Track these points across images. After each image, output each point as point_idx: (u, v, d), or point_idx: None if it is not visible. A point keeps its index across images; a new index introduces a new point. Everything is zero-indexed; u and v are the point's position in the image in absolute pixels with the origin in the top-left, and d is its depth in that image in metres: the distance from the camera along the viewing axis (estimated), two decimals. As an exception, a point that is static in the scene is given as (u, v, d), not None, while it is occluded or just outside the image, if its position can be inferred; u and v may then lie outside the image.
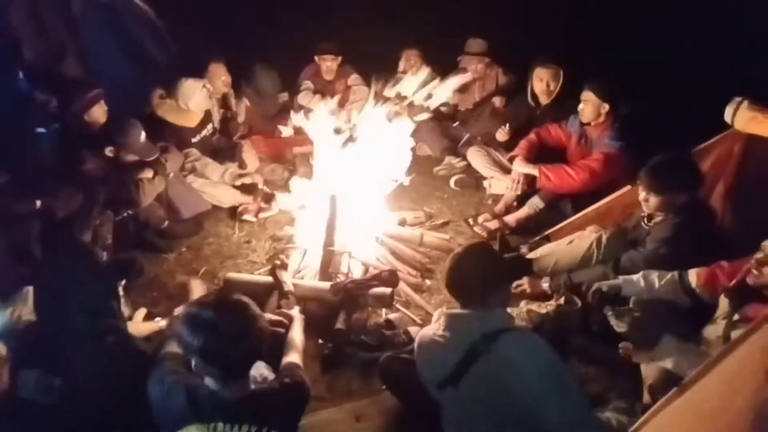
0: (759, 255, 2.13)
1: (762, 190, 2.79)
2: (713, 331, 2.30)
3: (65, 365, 1.84)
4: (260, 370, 2.13)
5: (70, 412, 1.81)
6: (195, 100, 4.04)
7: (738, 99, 2.61)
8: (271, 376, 2.11)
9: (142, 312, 2.88)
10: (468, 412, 1.90)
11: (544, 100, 4.18)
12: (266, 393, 1.86)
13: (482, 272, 1.97)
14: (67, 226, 2.98)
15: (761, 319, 1.88)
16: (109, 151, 3.34)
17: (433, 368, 1.98)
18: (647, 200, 2.69)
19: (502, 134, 4.34)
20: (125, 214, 3.43)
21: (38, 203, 2.88)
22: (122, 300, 2.67)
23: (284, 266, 3.12)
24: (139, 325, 2.78)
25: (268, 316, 2.41)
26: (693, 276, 2.43)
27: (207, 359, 1.72)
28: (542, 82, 4.11)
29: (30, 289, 2.50)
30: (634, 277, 2.52)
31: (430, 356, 2.02)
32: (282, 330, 2.42)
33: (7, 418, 1.92)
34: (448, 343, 1.92)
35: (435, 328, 2.07)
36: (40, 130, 3.75)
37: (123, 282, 2.95)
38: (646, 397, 2.28)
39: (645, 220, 2.85)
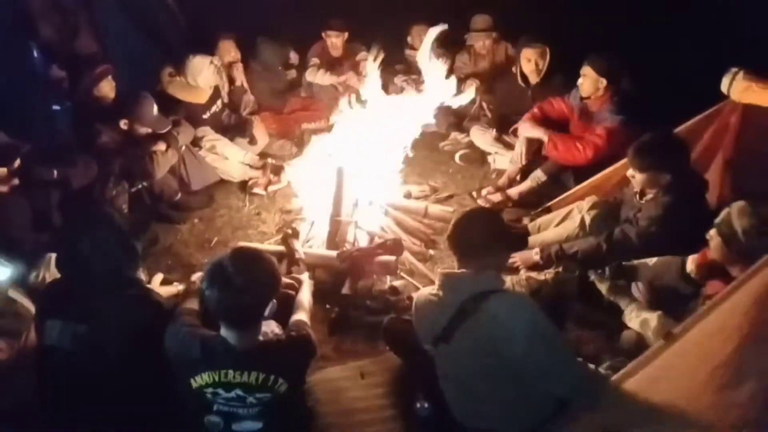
0: (712, 230, 2.21)
1: (760, 160, 2.84)
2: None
3: (88, 315, 1.97)
4: (272, 327, 2.26)
5: (92, 359, 1.95)
6: (203, 76, 4.11)
7: (734, 69, 2.65)
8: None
9: (159, 277, 3.00)
10: (460, 367, 2.01)
11: (534, 79, 4.23)
12: (274, 344, 1.98)
13: (483, 233, 2.06)
14: (85, 195, 3.12)
15: (744, 279, 1.97)
16: (123, 124, 3.46)
17: (428, 325, 2.09)
18: (634, 177, 2.76)
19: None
20: (140, 186, 3.56)
21: (55, 173, 2.99)
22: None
23: (296, 235, 3.23)
24: (157, 289, 2.92)
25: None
26: (690, 262, 2.47)
27: (221, 308, 1.85)
28: (530, 62, 4.16)
29: (52, 255, 2.65)
30: (650, 261, 2.59)
31: (425, 314, 2.13)
32: (292, 292, 2.55)
33: (35, 365, 2.07)
34: (441, 302, 2.03)
35: (431, 289, 2.18)
36: (56, 107, 3.89)
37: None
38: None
39: (637, 196, 2.90)
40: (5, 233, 2.70)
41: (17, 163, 2.74)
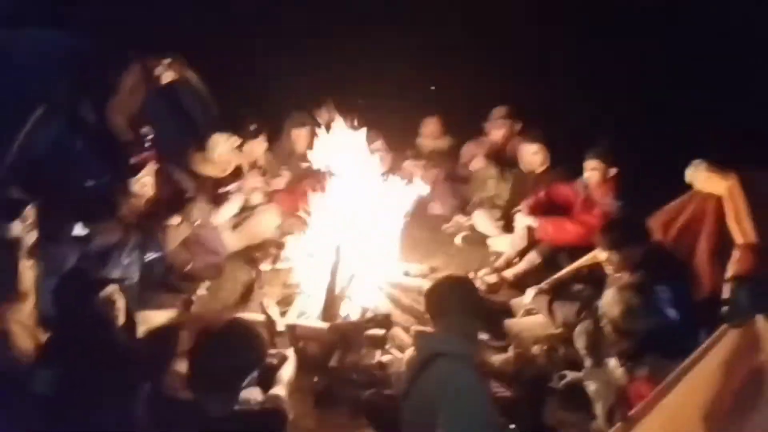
0: None
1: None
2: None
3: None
4: (254, 394, 2.35)
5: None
6: (219, 150, 4.37)
7: (697, 161, 2.80)
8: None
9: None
10: (412, 425, 2.06)
11: (538, 169, 4.47)
12: (245, 413, 2.07)
13: (455, 297, 2.17)
14: (102, 260, 3.37)
15: (695, 360, 2.02)
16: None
17: (401, 383, 2.17)
18: (609, 259, 2.86)
19: None
20: (153, 257, 3.80)
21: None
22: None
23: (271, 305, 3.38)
24: (152, 315, 3.06)
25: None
26: None
27: (201, 372, 1.96)
28: (537, 155, 4.43)
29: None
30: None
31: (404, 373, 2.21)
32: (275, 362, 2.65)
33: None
34: (411, 360, 2.12)
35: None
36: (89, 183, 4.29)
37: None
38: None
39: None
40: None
41: (31, 217, 2.89)
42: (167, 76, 4.63)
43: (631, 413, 2.09)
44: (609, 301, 2.43)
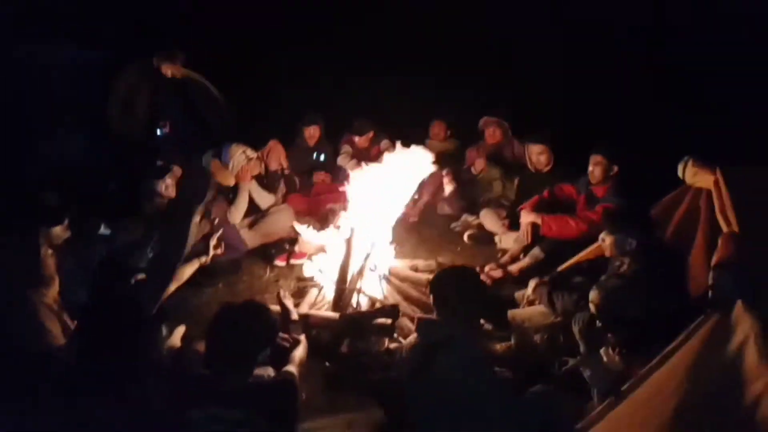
0: None
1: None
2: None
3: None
4: (268, 371, 2.54)
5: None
6: (233, 161, 4.57)
7: (686, 158, 2.94)
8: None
9: (181, 329, 3.34)
10: (423, 409, 2.19)
11: (544, 169, 4.64)
12: (257, 385, 2.24)
13: (458, 286, 2.33)
14: (129, 253, 3.60)
15: (682, 341, 2.15)
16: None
17: (404, 366, 2.32)
18: (604, 241, 3.00)
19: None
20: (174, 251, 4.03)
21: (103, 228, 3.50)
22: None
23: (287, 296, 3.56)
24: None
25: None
26: None
27: (218, 347, 2.16)
28: (542, 155, 4.61)
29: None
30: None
31: (406, 356, 2.37)
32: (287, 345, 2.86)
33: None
34: (414, 345, 2.28)
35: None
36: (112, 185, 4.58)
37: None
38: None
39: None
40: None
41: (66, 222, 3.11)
42: (169, 70, 4.80)
43: (623, 388, 2.23)
44: (594, 287, 2.56)
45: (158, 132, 5.06)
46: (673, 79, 5.55)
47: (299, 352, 2.76)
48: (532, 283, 3.43)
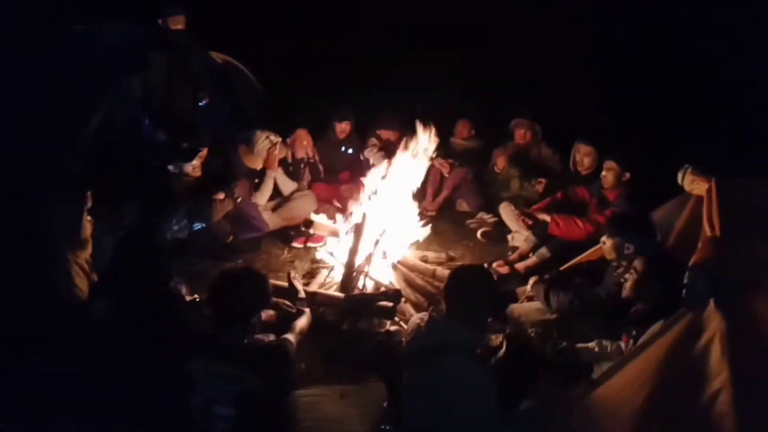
0: None
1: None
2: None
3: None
4: (270, 337, 2.74)
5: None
6: (258, 146, 4.76)
7: (686, 166, 2.98)
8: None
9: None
10: (415, 410, 2.22)
11: (584, 171, 4.68)
12: (252, 347, 2.44)
13: (477, 288, 2.33)
14: (155, 227, 3.89)
15: (659, 331, 2.24)
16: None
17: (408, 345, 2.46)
18: (605, 243, 3.07)
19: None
20: (199, 227, 4.30)
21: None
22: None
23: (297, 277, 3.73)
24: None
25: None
26: None
27: (217, 308, 2.38)
28: (588, 157, 4.64)
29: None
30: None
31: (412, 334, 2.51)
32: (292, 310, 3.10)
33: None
34: (421, 334, 2.41)
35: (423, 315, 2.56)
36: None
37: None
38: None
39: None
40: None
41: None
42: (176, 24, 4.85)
43: (598, 377, 2.33)
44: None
45: (200, 103, 5.24)
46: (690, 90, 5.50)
47: (301, 322, 2.95)
48: (531, 280, 3.53)
